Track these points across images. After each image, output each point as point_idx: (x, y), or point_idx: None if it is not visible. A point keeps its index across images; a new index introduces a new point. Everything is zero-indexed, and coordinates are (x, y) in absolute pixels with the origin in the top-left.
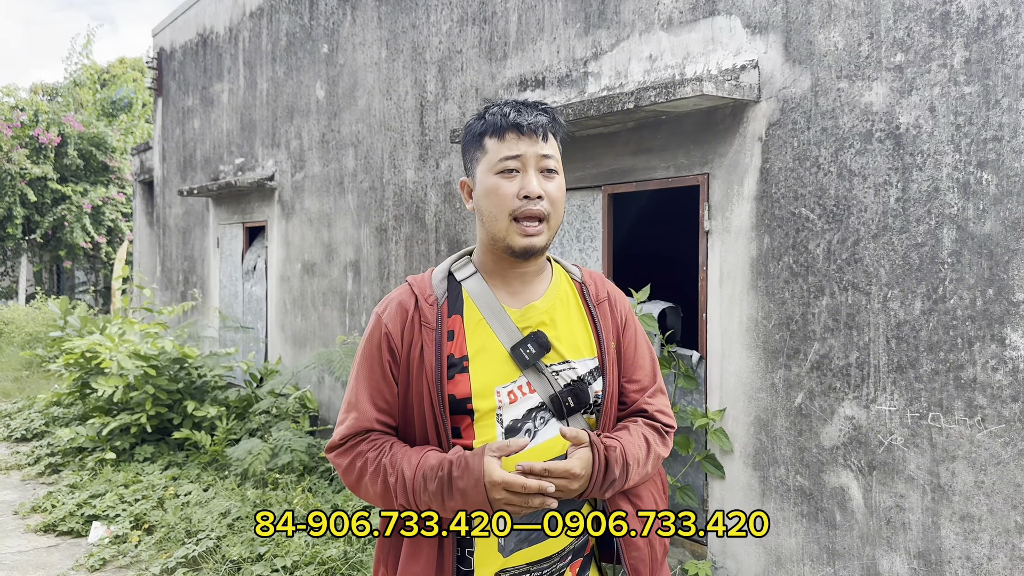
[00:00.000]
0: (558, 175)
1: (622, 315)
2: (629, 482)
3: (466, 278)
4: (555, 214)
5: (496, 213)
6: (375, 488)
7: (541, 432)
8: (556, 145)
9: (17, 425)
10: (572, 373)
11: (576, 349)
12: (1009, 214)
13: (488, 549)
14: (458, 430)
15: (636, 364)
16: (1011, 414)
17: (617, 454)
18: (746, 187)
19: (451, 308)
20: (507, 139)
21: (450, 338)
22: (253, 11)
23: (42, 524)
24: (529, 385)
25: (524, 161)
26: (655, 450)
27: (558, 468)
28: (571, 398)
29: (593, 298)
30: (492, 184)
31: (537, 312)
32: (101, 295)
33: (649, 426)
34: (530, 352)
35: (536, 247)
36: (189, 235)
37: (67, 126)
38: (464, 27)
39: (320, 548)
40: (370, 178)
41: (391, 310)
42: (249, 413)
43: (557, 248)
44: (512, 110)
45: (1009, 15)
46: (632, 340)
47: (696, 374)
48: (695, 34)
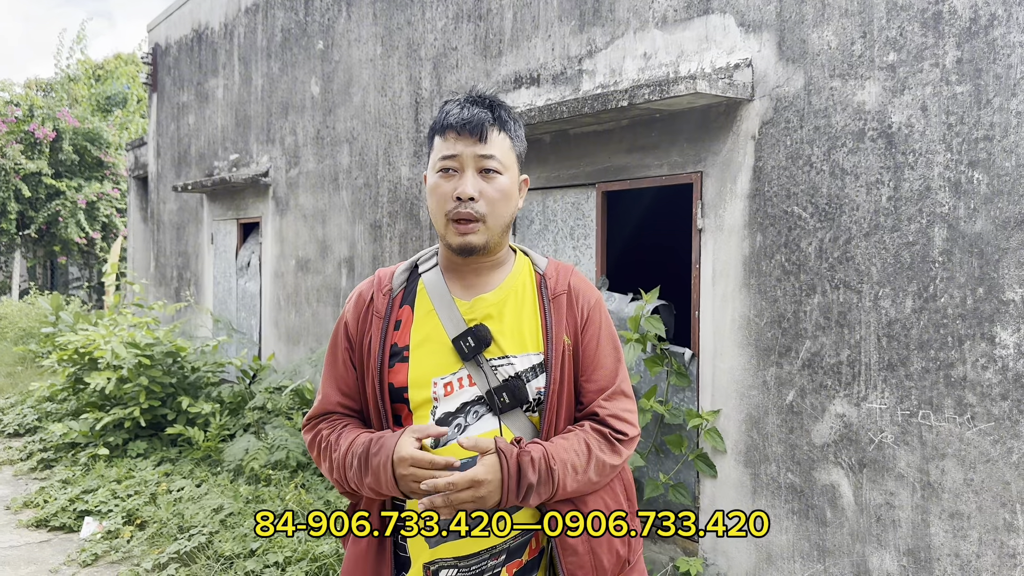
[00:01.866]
0: (501, 176)
1: (584, 310)
2: (562, 490)
3: (427, 270)
4: (493, 214)
5: (435, 212)
6: (326, 465)
7: (473, 427)
8: (504, 142)
9: (10, 420)
10: (510, 369)
11: (520, 344)
12: (1000, 213)
13: (418, 538)
14: (399, 419)
15: (596, 363)
16: (1000, 412)
17: (535, 458)
18: (739, 185)
19: (404, 299)
20: (448, 138)
21: (396, 327)
22: (248, 7)
23: (34, 519)
24: (470, 378)
25: (462, 161)
26: (599, 457)
27: (461, 479)
28: (506, 394)
29: (551, 291)
30: (433, 183)
31: (485, 304)
32: (95, 291)
33: (596, 431)
34: (469, 345)
35: (472, 245)
36: (183, 231)
37: (62, 121)
38: (459, 24)
39: (312, 545)
40: (365, 175)
41: (352, 300)
42: (243, 409)
43: (551, 245)
44: (457, 107)
45: (1001, 15)
46: (594, 337)
47: (688, 372)
48: (689, 32)
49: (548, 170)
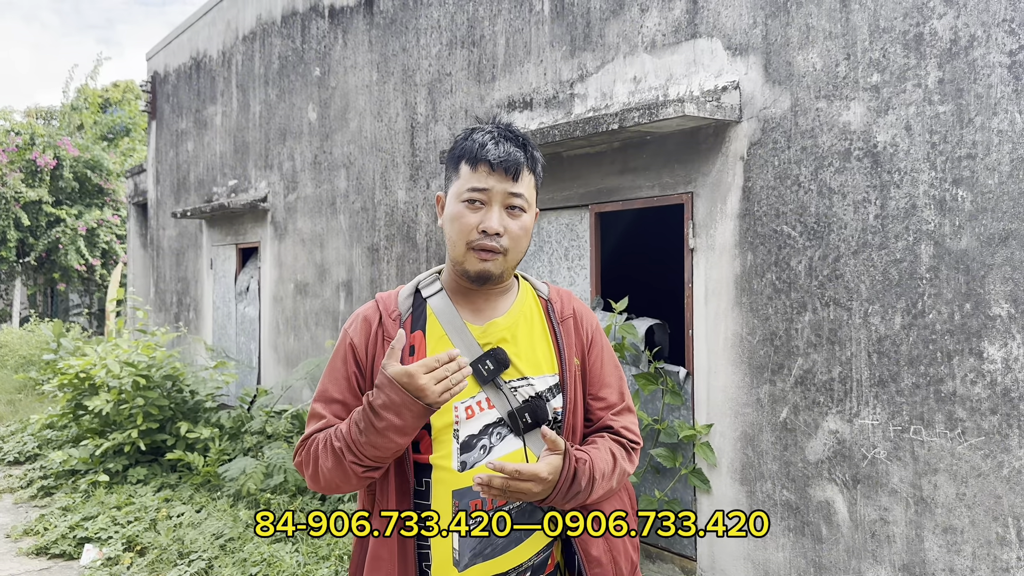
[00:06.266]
0: (525, 213)
1: (588, 332)
2: (593, 495)
3: (432, 295)
4: (514, 250)
5: (456, 240)
6: (328, 462)
7: (497, 448)
8: (531, 180)
9: (10, 448)
10: (530, 390)
11: (536, 366)
12: (984, 230)
13: (443, 563)
14: (417, 444)
15: (603, 382)
16: (990, 426)
17: (586, 467)
18: (729, 205)
19: (414, 324)
20: (479, 171)
21: (411, 353)
22: (246, 35)
23: (34, 547)
24: (488, 401)
25: (490, 196)
26: (621, 465)
27: (527, 470)
28: (528, 414)
29: (558, 315)
30: (457, 211)
31: (498, 328)
32: (96, 317)
33: (616, 442)
34: (488, 368)
35: (490, 273)
36: (183, 257)
37: (62, 149)
38: (453, 50)
39: (313, 568)
40: (362, 199)
41: (356, 325)
42: (242, 433)
43: (546, 267)
44: (492, 141)
45: (980, 36)
46: (599, 358)
47: (683, 390)
48: (678, 56)
49: (542, 192)
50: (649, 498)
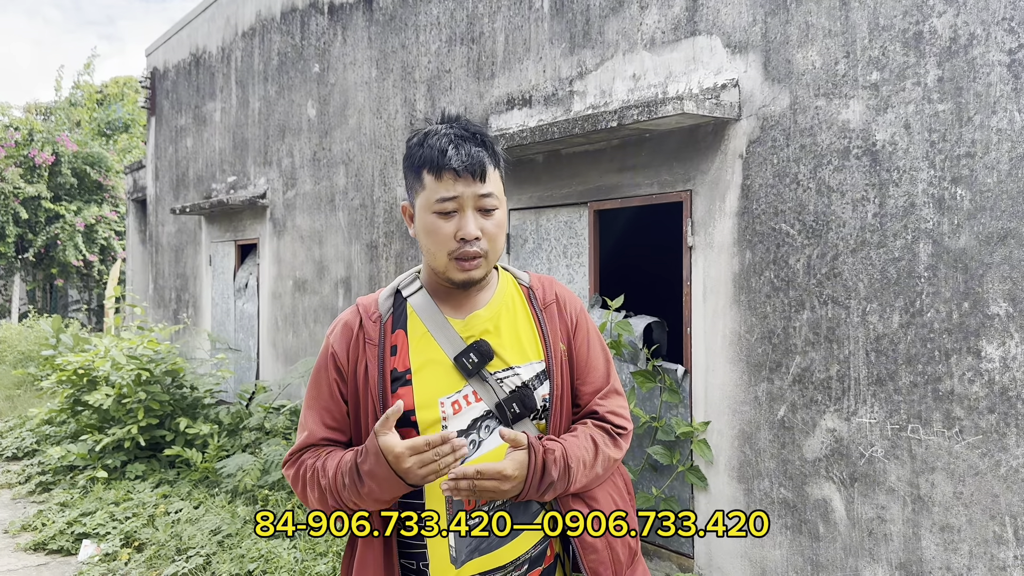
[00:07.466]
0: (497, 209)
1: (572, 316)
2: (574, 484)
3: (412, 294)
4: (493, 249)
5: (435, 251)
6: (314, 495)
7: (487, 441)
8: (497, 176)
9: (8, 444)
10: (516, 379)
11: (522, 354)
12: (983, 229)
13: (441, 561)
14: None
15: (589, 365)
16: (988, 425)
17: (556, 456)
18: (728, 203)
19: (395, 324)
20: (444, 179)
21: (393, 352)
22: (245, 31)
23: (32, 542)
24: (475, 394)
25: (461, 202)
26: (604, 452)
27: (489, 469)
28: (516, 404)
29: (540, 301)
30: (430, 223)
31: (480, 320)
32: (94, 313)
33: (599, 427)
34: (472, 361)
35: (475, 279)
36: (181, 253)
37: (61, 145)
38: (452, 47)
39: (310, 564)
40: (361, 195)
41: (337, 331)
42: (240, 429)
43: (545, 264)
44: (451, 145)
45: (980, 34)
46: (584, 341)
47: (681, 388)
48: (677, 53)
49: (541, 189)
50: (647, 495)
